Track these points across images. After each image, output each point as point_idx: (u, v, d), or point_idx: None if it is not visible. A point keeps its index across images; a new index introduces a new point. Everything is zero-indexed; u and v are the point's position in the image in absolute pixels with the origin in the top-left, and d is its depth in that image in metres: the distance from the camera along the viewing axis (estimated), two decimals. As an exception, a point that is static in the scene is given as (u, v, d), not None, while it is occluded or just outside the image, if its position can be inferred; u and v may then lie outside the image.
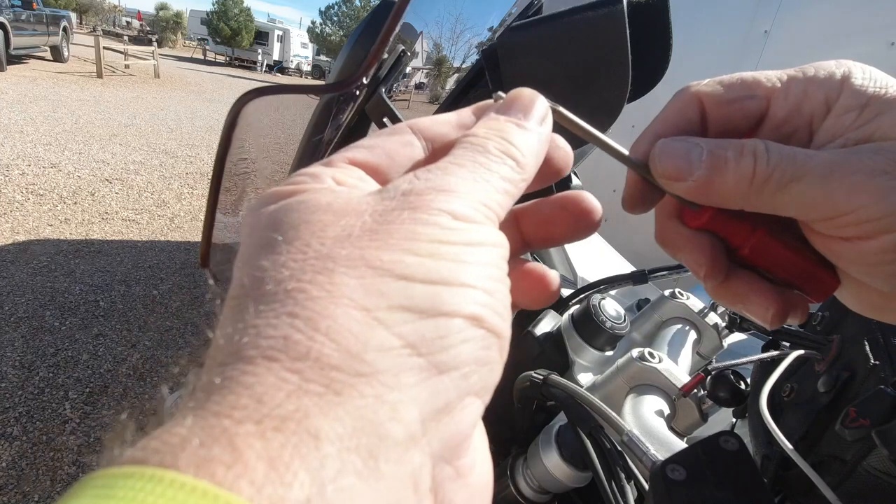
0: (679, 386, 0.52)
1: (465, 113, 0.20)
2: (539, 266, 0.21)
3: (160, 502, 0.09)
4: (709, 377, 0.50)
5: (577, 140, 0.22)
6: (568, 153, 0.21)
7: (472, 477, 0.15)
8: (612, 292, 0.80)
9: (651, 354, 0.54)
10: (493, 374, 0.15)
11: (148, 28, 30.51)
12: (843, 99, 0.20)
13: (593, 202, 0.20)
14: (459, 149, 0.17)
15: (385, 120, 0.51)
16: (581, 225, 0.20)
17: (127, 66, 10.98)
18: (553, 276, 0.20)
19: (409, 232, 0.14)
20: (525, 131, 0.18)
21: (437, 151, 0.18)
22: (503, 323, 0.15)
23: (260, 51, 25.68)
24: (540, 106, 0.19)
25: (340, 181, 0.16)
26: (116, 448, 0.11)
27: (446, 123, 0.19)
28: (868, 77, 0.21)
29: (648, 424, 0.47)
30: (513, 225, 0.21)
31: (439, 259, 0.14)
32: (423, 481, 0.13)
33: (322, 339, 0.12)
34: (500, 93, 0.20)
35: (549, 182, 0.21)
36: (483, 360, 0.14)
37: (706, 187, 0.21)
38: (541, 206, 0.21)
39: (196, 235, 3.45)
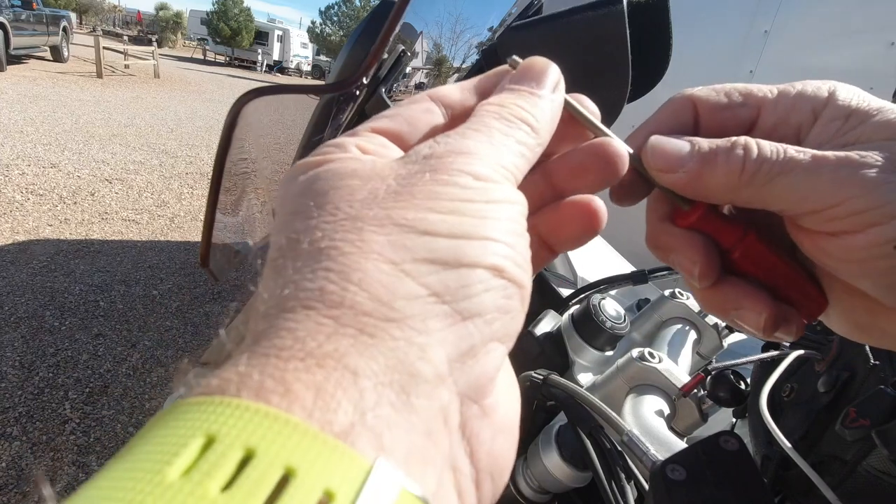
0: (679, 386, 0.52)
1: (482, 80, 0.21)
2: (582, 196, 0.21)
3: (230, 421, 0.11)
4: (709, 377, 0.50)
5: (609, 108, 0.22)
6: (597, 115, 0.22)
7: (497, 416, 0.16)
8: (612, 292, 0.80)
9: (651, 354, 0.54)
10: (514, 321, 0.16)
11: (157, 30, 30.41)
12: (829, 110, 0.21)
13: (619, 147, 0.21)
14: (476, 116, 0.18)
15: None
16: (609, 169, 0.21)
17: (127, 66, 10.98)
18: (598, 200, 0.21)
19: (431, 192, 0.15)
20: (538, 98, 0.19)
21: (456, 118, 0.19)
22: (524, 274, 0.16)
23: (260, 51, 25.67)
24: (552, 74, 0.20)
25: (365, 149, 0.17)
26: (180, 390, 0.12)
27: (464, 90, 0.20)
28: (853, 93, 0.22)
29: (648, 424, 0.47)
30: (544, 179, 0.21)
31: (461, 215, 0.15)
32: (452, 417, 0.14)
33: (354, 289, 0.13)
34: (516, 57, 0.21)
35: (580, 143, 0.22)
36: (505, 308, 0.15)
37: (696, 179, 0.21)
38: (570, 155, 0.21)
39: (196, 235, 3.45)
